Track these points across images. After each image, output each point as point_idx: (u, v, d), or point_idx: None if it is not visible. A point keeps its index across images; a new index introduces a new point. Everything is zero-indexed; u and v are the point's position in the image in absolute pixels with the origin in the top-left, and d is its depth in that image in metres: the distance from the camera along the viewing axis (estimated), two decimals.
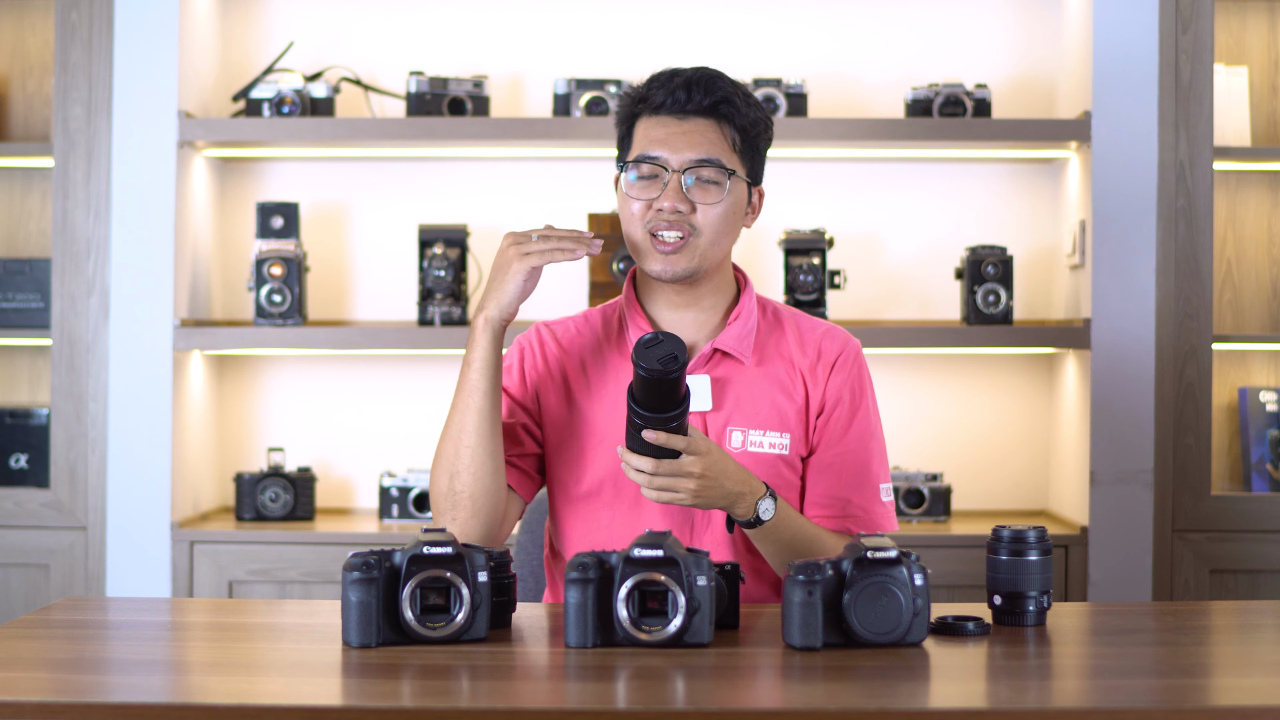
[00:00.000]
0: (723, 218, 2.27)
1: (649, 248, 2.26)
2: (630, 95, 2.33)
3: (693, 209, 2.25)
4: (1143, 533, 3.40)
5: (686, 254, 2.25)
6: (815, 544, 2.24)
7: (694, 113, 2.27)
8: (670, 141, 2.26)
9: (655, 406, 2.05)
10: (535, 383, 2.34)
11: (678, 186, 2.25)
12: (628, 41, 3.72)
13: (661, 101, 2.28)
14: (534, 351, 2.36)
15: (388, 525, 3.54)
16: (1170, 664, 1.87)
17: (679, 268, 2.26)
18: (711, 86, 2.28)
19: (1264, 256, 3.69)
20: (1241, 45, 3.68)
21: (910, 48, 3.74)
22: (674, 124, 2.27)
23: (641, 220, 2.26)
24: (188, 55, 3.52)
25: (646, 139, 2.28)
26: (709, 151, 2.26)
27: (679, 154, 2.26)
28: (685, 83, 2.27)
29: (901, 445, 3.67)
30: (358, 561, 1.88)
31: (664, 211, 2.24)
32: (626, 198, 2.28)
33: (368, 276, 3.77)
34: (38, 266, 3.59)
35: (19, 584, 3.47)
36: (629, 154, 2.30)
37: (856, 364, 2.36)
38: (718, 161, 2.26)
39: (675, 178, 2.25)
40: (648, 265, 2.28)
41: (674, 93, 2.27)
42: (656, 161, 2.26)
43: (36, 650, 1.92)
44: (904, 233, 3.75)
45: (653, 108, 2.29)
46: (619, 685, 1.76)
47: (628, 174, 2.29)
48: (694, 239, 2.25)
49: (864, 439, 2.33)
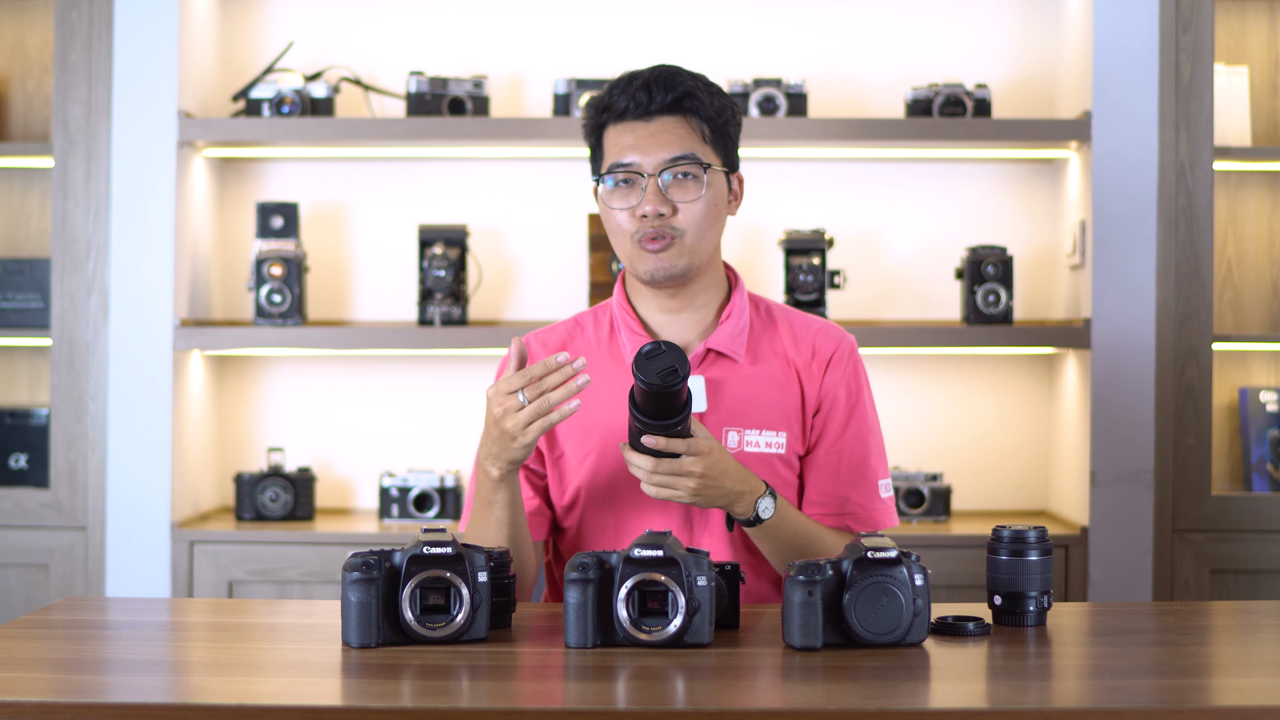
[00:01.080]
0: (705, 213, 2.26)
1: (638, 253, 2.26)
2: (594, 105, 2.31)
3: (674, 210, 2.24)
4: (1143, 533, 3.40)
5: (675, 252, 2.24)
6: (816, 542, 2.24)
7: (658, 112, 2.26)
8: (640, 145, 2.25)
9: (656, 415, 2.05)
10: None
11: (656, 189, 2.24)
12: (628, 41, 3.72)
13: (625, 107, 2.26)
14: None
15: (388, 525, 3.54)
16: (1170, 664, 1.87)
17: (669, 266, 2.25)
18: (672, 82, 2.26)
19: (1264, 256, 3.69)
20: (1241, 45, 3.68)
21: (910, 48, 3.74)
22: (641, 127, 2.26)
23: (628, 229, 2.26)
24: (188, 55, 3.52)
25: (617, 147, 2.26)
26: (681, 148, 2.25)
27: (651, 156, 2.24)
28: (645, 84, 2.26)
29: (901, 445, 3.67)
30: (358, 562, 1.88)
31: (647, 218, 2.23)
32: (608, 209, 2.28)
33: (368, 276, 3.77)
34: (37, 266, 3.59)
35: (19, 584, 3.47)
36: (602, 165, 2.29)
37: (852, 360, 2.35)
38: (692, 156, 2.25)
39: (651, 181, 2.24)
40: (639, 270, 2.27)
41: (634, 95, 2.26)
42: (630, 168, 2.25)
43: (36, 650, 1.92)
44: (904, 233, 3.75)
45: (617, 115, 2.27)
46: (619, 685, 1.76)
47: (604, 184, 2.28)
48: (680, 240, 2.25)
49: (861, 436, 2.33)
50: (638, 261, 2.27)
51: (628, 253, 2.28)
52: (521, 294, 3.75)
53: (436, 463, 3.70)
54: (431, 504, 3.54)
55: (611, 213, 2.27)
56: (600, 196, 2.30)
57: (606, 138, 2.30)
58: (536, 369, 2.06)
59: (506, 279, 3.75)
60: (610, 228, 2.29)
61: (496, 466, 2.13)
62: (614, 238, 2.29)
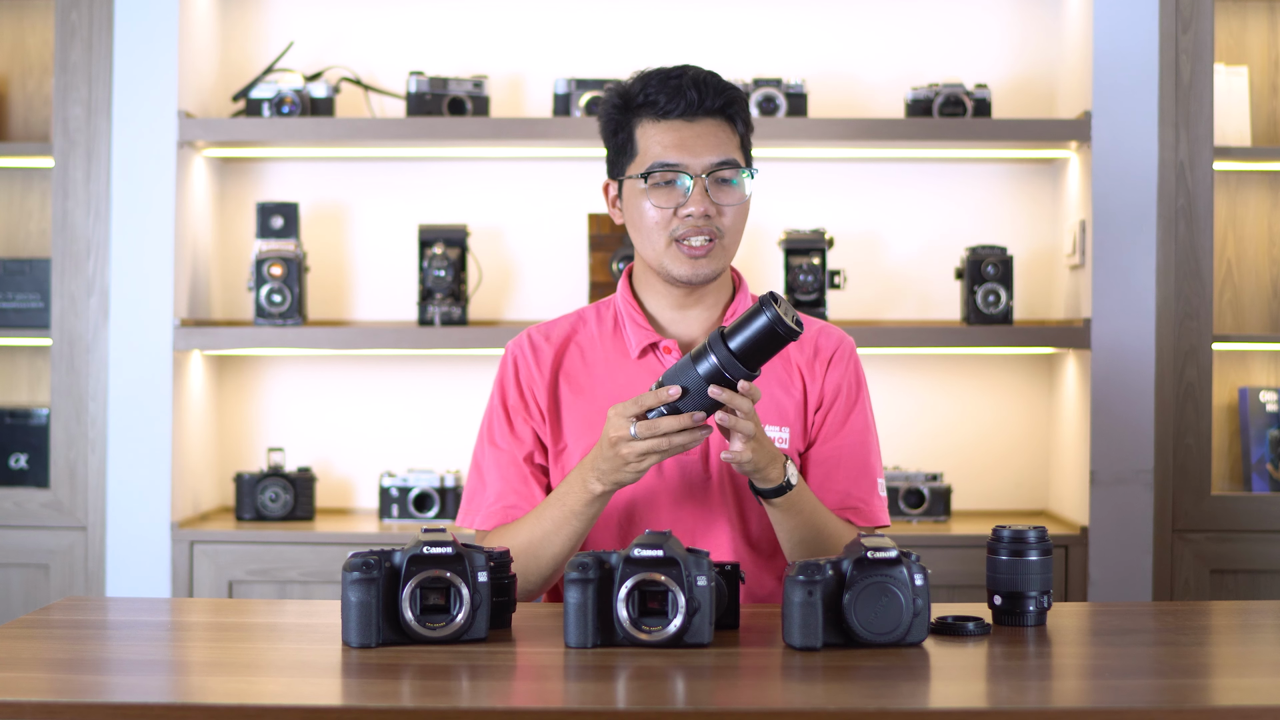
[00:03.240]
0: (742, 216, 2.28)
1: (674, 253, 2.25)
2: (622, 98, 2.29)
3: (719, 212, 2.25)
4: (1143, 533, 3.40)
5: (714, 257, 2.26)
6: (830, 523, 2.24)
7: (704, 114, 2.25)
8: (687, 145, 2.24)
9: (751, 358, 2.03)
10: (534, 395, 2.33)
11: (703, 191, 2.23)
12: (628, 41, 3.72)
13: (670, 105, 2.25)
14: (527, 361, 2.34)
15: (388, 525, 3.54)
16: (1170, 664, 1.87)
17: (707, 270, 2.26)
18: (720, 85, 2.27)
19: (1264, 256, 3.69)
20: (1241, 45, 3.68)
21: (910, 48, 3.74)
22: (685, 127, 2.25)
23: (665, 227, 2.24)
24: (188, 55, 3.52)
25: (659, 145, 2.25)
26: (726, 152, 2.25)
27: (699, 158, 2.24)
28: (694, 84, 2.25)
29: (901, 445, 3.67)
30: (358, 561, 1.88)
31: (693, 217, 2.23)
32: (642, 206, 2.25)
33: (368, 276, 3.77)
34: (38, 266, 3.59)
35: (19, 584, 3.47)
36: (635, 161, 2.27)
37: (852, 359, 2.38)
38: (734, 161, 2.26)
39: (699, 182, 2.23)
40: (673, 270, 2.26)
41: (685, 94, 2.24)
42: (676, 168, 2.24)
43: (36, 650, 1.92)
44: (904, 233, 3.75)
45: (660, 111, 2.25)
46: (619, 685, 1.76)
47: (638, 182, 2.26)
48: (720, 241, 2.26)
49: (861, 432, 2.34)
50: (675, 262, 2.26)
51: (660, 251, 2.26)
52: (521, 294, 3.75)
53: (436, 463, 3.70)
54: (431, 504, 3.54)
55: (646, 211, 2.25)
56: (629, 191, 2.28)
57: (641, 133, 2.27)
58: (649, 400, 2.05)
59: (506, 279, 3.75)
60: (643, 225, 2.26)
61: (603, 483, 2.13)
62: (644, 234, 2.27)
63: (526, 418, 2.32)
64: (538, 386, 2.33)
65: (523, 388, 2.33)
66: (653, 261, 2.28)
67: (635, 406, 2.06)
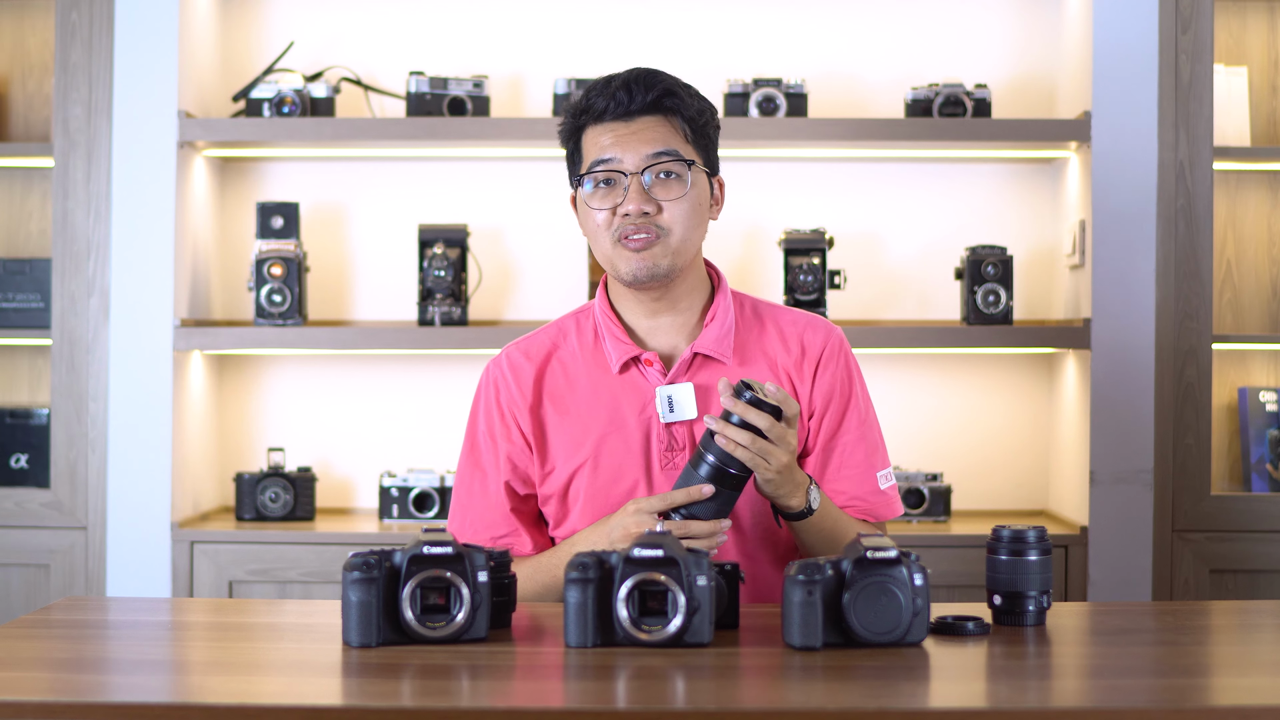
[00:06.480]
0: (690, 212, 2.23)
1: (619, 253, 2.22)
2: (570, 111, 2.29)
3: (659, 209, 2.21)
4: (1142, 533, 3.40)
5: (659, 251, 2.21)
6: (851, 529, 2.25)
7: (639, 111, 2.23)
8: (622, 143, 2.22)
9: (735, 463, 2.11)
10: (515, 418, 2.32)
11: (639, 187, 2.21)
12: (628, 41, 3.72)
13: (604, 107, 2.23)
14: (508, 383, 2.33)
15: (388, 525, 3.54)
16: (1170, 664, 1.87)
17: (652, 265, 2.22)
18: (652, 81, 2.24)
19: (1264, 256, 3.69)
20: (1241, 45, 3.68)
21: (910, 48, 3.74)
22: (621, 127, 2.23)
23: (608, 229, 2.22)
24: (188, 55, 3.52)
25: (596, 147, 2.23)
26: (663, 144, 2.22)
27: (634, 153, 2.21)
28: (625, 83, 2.24)
29: (901, 445, 3.67)
30: (358, 561, 1.88)
31: (630, 216, 2.20)
32: (588, 210, 2.24)
33: (368, 276, 3.78)
34: (38, 266, 3.59)
35: (19, 584, 3.47)
36: (581, 167, 2.26)
37: (842, 355, 2.33)
38: (674, 153, 2.22)
39: (635, 179, 2.21)
40: (620, 270, 2.23)
41: (615, 95, 2.23)
42: (611, 165, 2.22)
43: (36, 650, 1.92)
44: (904, 233, 3.75)
45: (596, 116, 2.24)
46: (619, 685, 1.76)
47: (584, 186, 2.24)
48: (665, 239, 2.21)
49: (858, 432, 2.32)
50: (619, 262, 2.23)
51: (608, 254, 2.24)
52: (521, 294, 3.76)
53: (437, 463, 3.70)
54: (431, 504, 3.54)
55: (591, 214, 2.24)
56: (579, 199, 2.27)
57: (585, 140, 2.26)
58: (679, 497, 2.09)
59: (506, 279, 3.75)
60: (590, 230, 2.26)
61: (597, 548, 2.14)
62: (594, 240, 2.26)
63: (508, 441, 2.32)
64: (519, 409, 2.31)
65: (504, 411, 2.32)
66: (606, 265, 2.27)
67: (661, 503, 2.09)
